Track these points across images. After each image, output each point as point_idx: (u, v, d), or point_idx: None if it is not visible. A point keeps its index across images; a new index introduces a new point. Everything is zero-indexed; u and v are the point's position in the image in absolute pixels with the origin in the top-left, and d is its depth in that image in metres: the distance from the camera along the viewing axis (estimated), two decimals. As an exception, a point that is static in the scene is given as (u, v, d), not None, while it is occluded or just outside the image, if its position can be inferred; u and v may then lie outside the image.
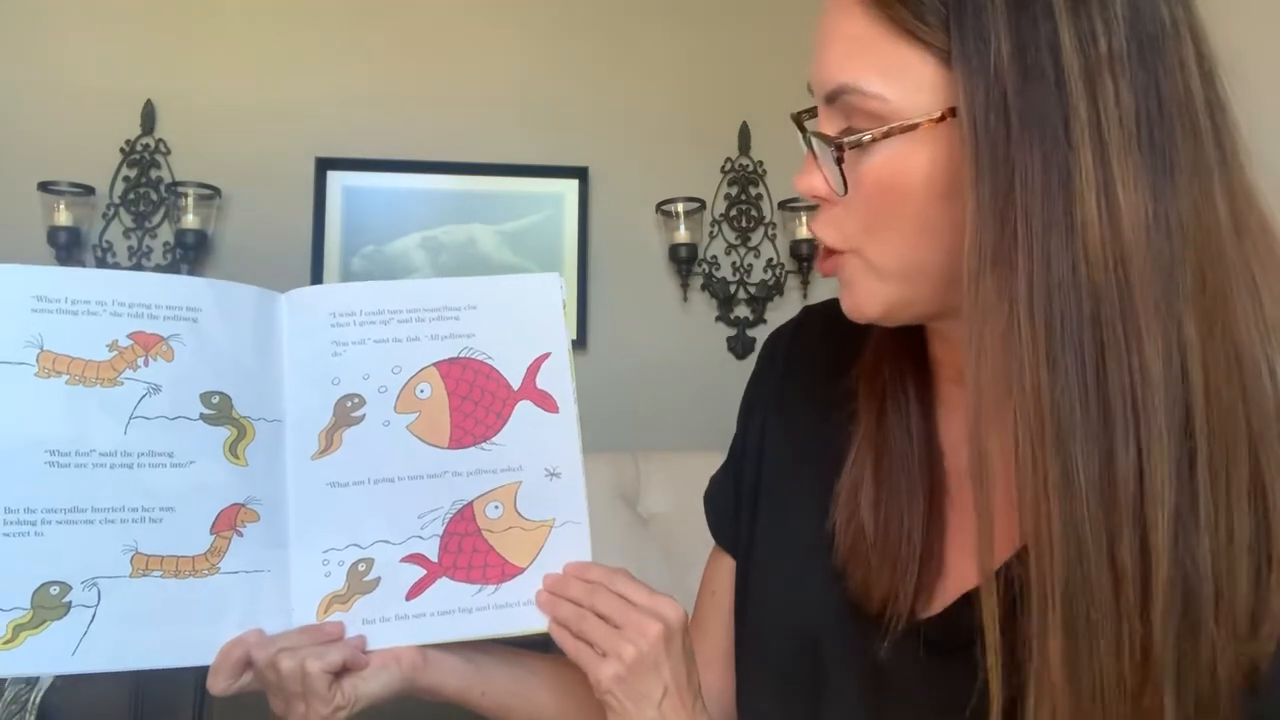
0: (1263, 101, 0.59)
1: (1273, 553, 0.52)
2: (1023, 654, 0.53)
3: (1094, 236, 0.51)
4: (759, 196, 2.80)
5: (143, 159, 2.59)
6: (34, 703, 1.58)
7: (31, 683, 1.60)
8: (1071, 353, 0.51)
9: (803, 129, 0.63)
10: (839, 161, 0.57)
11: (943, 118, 0.54)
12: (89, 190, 2.51)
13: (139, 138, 2.59)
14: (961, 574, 0.63)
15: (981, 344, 0.54)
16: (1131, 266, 0.51)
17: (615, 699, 0.66)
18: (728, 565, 0.78)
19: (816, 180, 0.60)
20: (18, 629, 0.62)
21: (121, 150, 2.59)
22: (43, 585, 0.63)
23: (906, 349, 0.68)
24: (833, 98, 0.58)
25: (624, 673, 0.65)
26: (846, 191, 0.58)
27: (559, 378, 0.74)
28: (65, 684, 1.56)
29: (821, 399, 0.72)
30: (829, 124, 0.59)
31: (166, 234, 2.58)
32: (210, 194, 2.53)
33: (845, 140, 0.57)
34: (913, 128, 0.55)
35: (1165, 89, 0.52)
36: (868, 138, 0.56)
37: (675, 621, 0.67)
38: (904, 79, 0.55)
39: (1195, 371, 0.51)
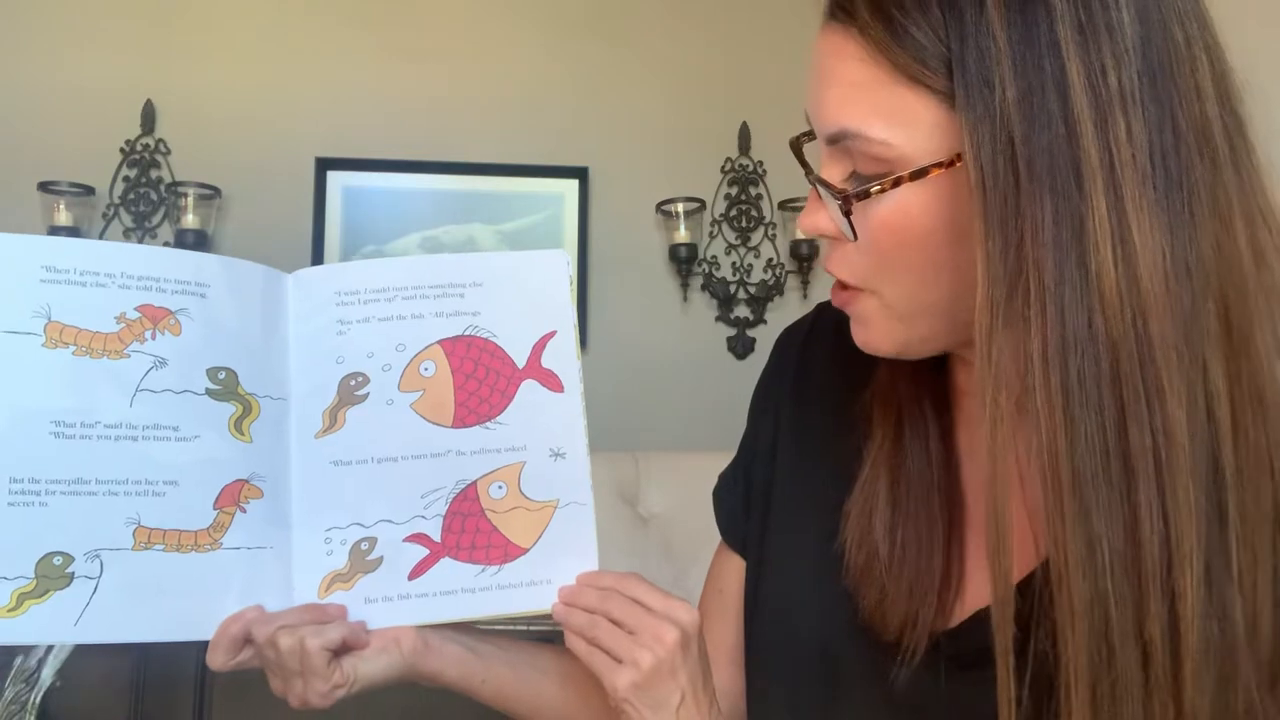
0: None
1: None
2: (1040, 670, 0.52)
3: (1110, 287, 0.49)
4: (759, 196, 2.80)
5: (143, 159, 2.59)
6: (34, 703, 1.57)
7: (31, 683, 1.59)
8: (1091, 414, 0.49)
9: (801, 158, 0.62)
10: (847, 214, 0.56)
11: (952, 163, 0.53)
12: (89, 190, 2.51)
13: (139, 138, 2.60)
14: (978, 591, 0.62)
15: (997, 410, 0.51)
16: (1150, 316, 0.49)
17: (632, 707, 0.64)
18: (736, 564, 0.77)
19: (821, 220, 0.59)
20: (22, 597, 0.62)
21: (121, 150, 2.59)
22: (46, 555, 0.63)
23: (922, 367, 0.66)
24: (835, 140, 0.56)
25: (641, 680, 0.64)
26: (855, 238, 0.57)
27: (564, 357, 0.73)
28: (65, 684, 1.55)
29: (836, 403, 0.71)
30: (832, 166, 0.58)
31: (166, 234, 2.58)
32: (210, 194, 2.53)
33: (853, 192, 0.55)
34: (922, 174, 0.53)
35: (1181, 118, 0.50)
36: (876, 188, 0.54)
37: (691, 626, 0.66)
38: (909, 124, 0.53)
39: (1223, 418, 0.50)
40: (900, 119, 0.54)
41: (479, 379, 0.72)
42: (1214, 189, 0.51)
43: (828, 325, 0.77)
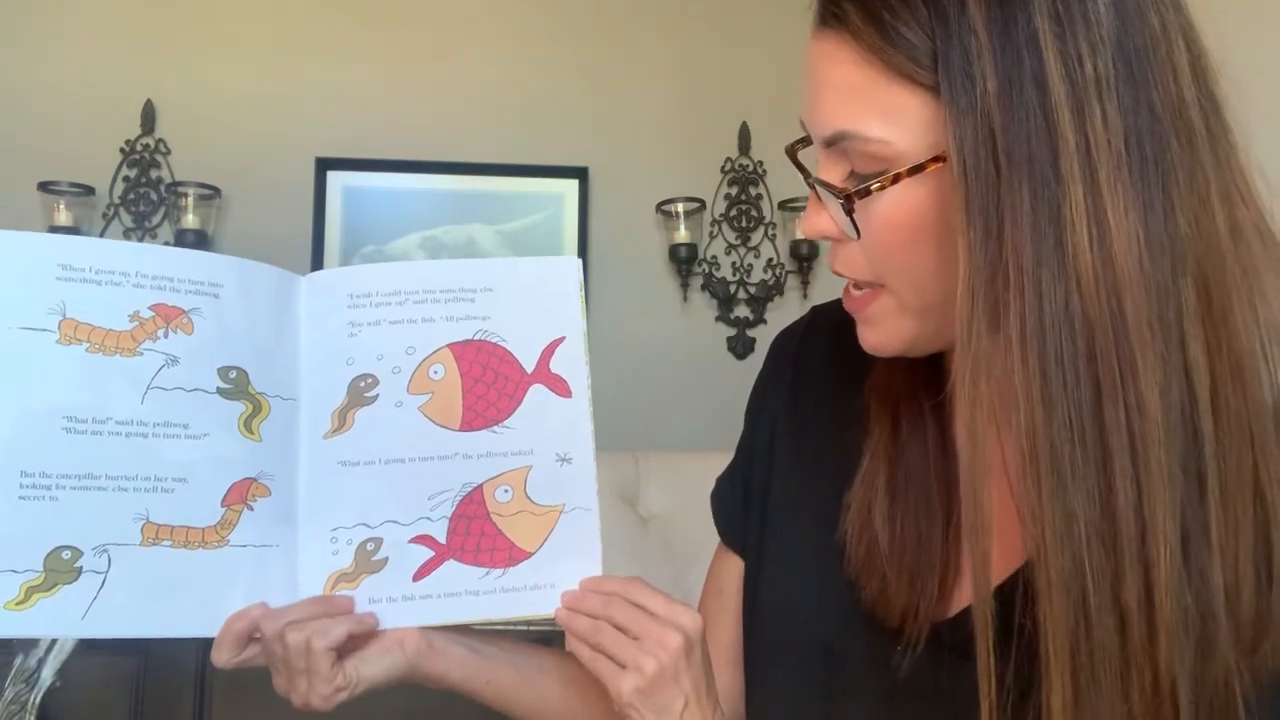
0: (1258, 99, 0.59)
1: (1272, 563, 0.52)
2: (1032, 667, 0.53)
3: (1086, 268, 0.50)
4: (759, 196, 2.80)
5: (143, 159, 2.59)
6: (34, 703, 1.57)
7: (31, 683, 1.59)
8: (1069, 393, 0.51)
9: (798, 163, 0.63)
10: (849, 212, 0.57)
11: (945, 157, 0.54)
12: (89, 190, 2.51)
13: (139, 138, 2.59)
14: None
15: (976, 393, 0.53)
16: (1125, 295, 0.50)
17: (636, 712, 0.65)
18: (735, 565, 0.78)
19: (823, 222, 0.60)
20: (30, 590, 0.63)
21: (121, 150, 2.59)
22: (55, 549, 0.64)
23: (918, 362, 0.67)
24: (832, 142, 0.58)
25: (645, 685, 0.64)
26: (859, 236, 0.58)
27: (573, 362, 0.74)
28: (65, 684, 1.56)
29: (833, 403, 0.72)
30: (830, 168, 0.59)
31: (166, 234, 2.58)
32: (210, 194, 2.53)
33: (854, 191, 0.56)
34: (919, 169, 0.55)
35: (1158, 101, 0.52)
36: (876, 186, 0.56)
37: (694, 632, 0.66)
38: (904, 121, 0.55)
39: (1202, 390, 0.51)
40: (895, 117, 0.55)
41: (487, 383, 0.72)
42: (1191, 169, 0.52)
43: (822, 327, 0.77)
